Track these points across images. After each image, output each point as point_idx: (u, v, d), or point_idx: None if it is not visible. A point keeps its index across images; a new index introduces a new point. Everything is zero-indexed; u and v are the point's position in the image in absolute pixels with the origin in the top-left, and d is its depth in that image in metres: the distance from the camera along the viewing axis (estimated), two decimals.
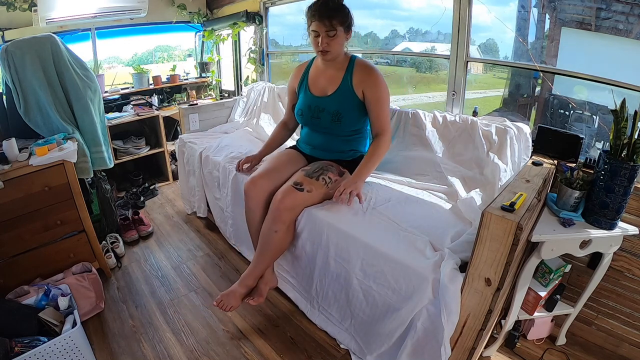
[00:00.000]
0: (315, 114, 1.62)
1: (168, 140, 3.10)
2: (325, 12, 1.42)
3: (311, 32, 1.48)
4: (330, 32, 1.44)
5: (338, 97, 1.57)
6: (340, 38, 1.48)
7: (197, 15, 3.37)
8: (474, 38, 1.84)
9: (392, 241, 1.28)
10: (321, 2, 1.44)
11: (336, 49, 1.50)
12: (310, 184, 1.49)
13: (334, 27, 1.43)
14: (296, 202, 1.46)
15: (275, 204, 1.46)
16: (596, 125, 1.72)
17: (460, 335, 1.13)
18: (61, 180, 1.67)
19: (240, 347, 1.50)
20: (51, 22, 2.58)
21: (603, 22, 1.55)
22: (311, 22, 1.46)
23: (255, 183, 1.58)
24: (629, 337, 1.43)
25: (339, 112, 1.56)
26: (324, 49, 1.47)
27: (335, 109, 1.57)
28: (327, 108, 1.59)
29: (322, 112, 1.60)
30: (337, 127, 1.59)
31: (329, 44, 1.46)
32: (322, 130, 1.64)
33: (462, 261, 1.14)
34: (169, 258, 2.12)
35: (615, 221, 1.17)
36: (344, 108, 1.56)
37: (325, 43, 1.45)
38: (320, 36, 1.45)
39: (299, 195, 1.46)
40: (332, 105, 1.58)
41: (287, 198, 1.45)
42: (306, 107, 1.64)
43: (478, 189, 1.54)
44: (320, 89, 1.62)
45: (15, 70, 1.74)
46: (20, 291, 1.52)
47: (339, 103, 1.57)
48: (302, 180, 1.50)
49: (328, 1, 1.44)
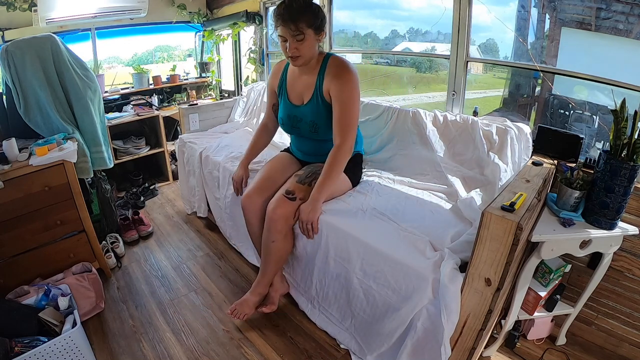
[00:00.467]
0: (294, 124, 1.57)
1: (168, 140, 3.10)
2: (289, 15, 1.30)
3: (278, 37, 1.38)
4: (297, 36, 1.33)
5: (312, 106, 1.50)
6: (309, 41, 1.36)
7: (197, 15, 3.37)
8: (474, 38, 1.84)
9: (392, 241, 1.28)
10: (285, 5, 1.33)
11: (307, 53, 1.38)
12: (302, 191, 1.46)
13: (301, 31, 1.32)
14: (289, 212, 1.44)
15: (269, 214, 1.45)
16: (596, 125, 1.72)
17: (460, 335, 1.13)
18: (61, 180, 1.67)
19: (240, 347, 1.50)
20: (51, 22, 2.59)
21: (603, 22, 1.55)
22: (277, 27, 1.35)
23: (250, 197, 1.56)
24: (629, 337, 1.43)
25: (314, 122, 1.50)
26: (293, 55, 1.37)
27: (311, 119, 1.50)
28: (304, 118, 1.53)
29: (300, 122, 1.55)
30: (317, 136, 1.54)
31: (298, 49, 1.35)
32: (307, 137, 1.60)
33: (462, 261, 1.14)
34: (169, 258, 2.12)
35: (615, 221, 1.17)
36: (319, 117, 1.49)
37: (294, 48, 1.35)
38: (287, 41, 1.35)
39: (290, 204, 1.44)
40: (307, 115, 1.51)
41: (279, 208, 1.43)
42: (286, 116, 1.59)
43: (478, 189, 1.54)
44: (297, 96, 1.55)
45: (15, 70, 1.74)
46: (20, 291, 1.52)
47: (314, 113, 1.50)
48: (294, 188, 1.47)
49: (292, 2, 1.32)
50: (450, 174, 1.68)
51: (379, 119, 2.02)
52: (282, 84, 1.60)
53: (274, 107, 1.70)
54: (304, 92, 1.52)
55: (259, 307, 1.59)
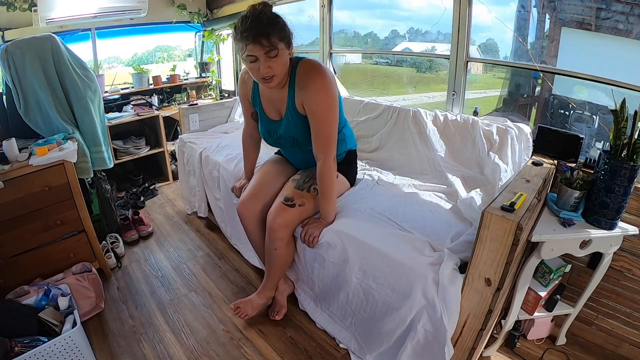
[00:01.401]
0: (275, 139, 1.50)
1: (168, 140, 3.10)
2: (260, 29, 1.14)
3: (247, 58, 1.19)
4: (271, 52, 1.17)
5: (289, 121, 1.40)
6: (283, 57, 1.21)
7: (197, 15, 3.37)
8: (474, 38, 1.84)
9: (392, 241, 1.28)
10: (251, 20, 1.15)
11: (281, 71, 1.23)
12: (301, 197, 1.43)
13: (274, 46, 1.17)
14: (289, 219, 1.42)
15: (269, 224, 1.42)
16: (596, 125, 1.72)
17: (460, 335, 1.13)
18: (61, 180, 1.67)
19: (240, 347, 1.50)
20: (51, 22, 2.58)
21: (603, 22, 1.55)
22: (245, 46, 1.17)
23: (245, 205, 1.54)
24: (629, 337, 1.43)
25: (294, 138, 1.42)
26: (267, 75, 1.20)
27: (290, 134, 1.42)
28: (283, 134, 1.44)
29: (280, 138, 1.47)
30: (300, 150, 1.47)
31: (271, 67, 1.19)
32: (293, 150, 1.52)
33: (462, 261, 1.14)
34: (169, 258, 2.12)
35: (615, 221, 1.17)
36: (298, 133, 1.40)
37: (267, 67, 1.18)
38: (258, 60, 1.18)
39: (290, 212, 1.41)
40: (286, 130, 1.42)
41: (279, 217, 1.41)
42: (266, 131, 1.51)
43: (478, 189, 1.54)
44: (273, 111, 1.45)
45: (15, 70, 1.74)
46: (20, 291, 1.52)
47: (292, 128, 1.40)
48: (293, 194, 1.44)
49: (259, 16, 1.16)
50: (451, 173, 1.68)
51: (379, 118, 2.02)
52: (256, 96, 1.47)
53: (253, 115, 1.58)
54: (280, 106, 1.40)
55: (272, 314, 1.61)
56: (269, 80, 1.23)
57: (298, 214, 1.43)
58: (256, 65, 1.20)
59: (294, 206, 1.42)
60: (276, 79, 1.24)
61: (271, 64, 1.19)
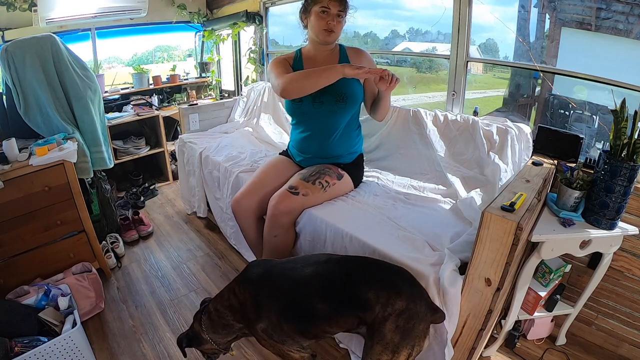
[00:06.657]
0: (317, 99, 1.50)
1: (168, 140, 3.10)
2: None
3: (319, 9, 1.42)
4: (341, 13, 1.43)
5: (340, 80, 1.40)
6: (343, 23, 1.47)
7: (197, 15, 3.37)
8: (474, 38, 1.84)
9: (392, 241, 1.28)
10: None
11: (339, 33, 1.48)
12: (306, 188, 1.46)
13: (345, 10, 1.43)
14: (292, 206, 1.43)
15: (271, 209, 1.44)
16: (596, 125, 1.72)
17: (460, 335, 1.13)
18: (61, 180, 1.67)
19: (240, 347, 1.49)
20: (51, 22, 2.58)
21: (603, 22, 1.55)
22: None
23: (239, 203, 1.55)
24: (629, 337, 1.43)
25: (341, 92, 1.49)
26: (332, 28, 1.44)
27: (339, 90, 1.48)
28: (329, 90, 1.45)
29: (324, 95, 1.48)
30: (341, 108, 1.50)
31: (336, 25, 1.44)
32: (321, 122, 1.53)
33: (462, 261, 1.14)
34: (169, 258, 2.12)
35: (615, 221, 1.17)
36: (346, 87, 1.49)
37: (335, 22, 1.43)
38: (329, 14, 1.42)
39: (294, 199, 1.43)
40: (333, 86, 1.41)
41: (282, 203, 1.42)
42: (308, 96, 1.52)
43: (478, 189, 1.54)
44: None
45: (15, 70, 1.74)
46: (20, 291, 1.52)
47: (341, 85, 1.45)
48: (298, 184, 1.47)
49: None
50: (451, 173, 1.68)
51: None
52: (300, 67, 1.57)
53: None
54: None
55: None
56: (330, 34, 1.45)
57: (301, 202, 1.45)
58: (325, 17, 1.42)
59: (297, 194, 1.44)
60: (334, 36, 1.47)
61: (336, 22, 1.43)
